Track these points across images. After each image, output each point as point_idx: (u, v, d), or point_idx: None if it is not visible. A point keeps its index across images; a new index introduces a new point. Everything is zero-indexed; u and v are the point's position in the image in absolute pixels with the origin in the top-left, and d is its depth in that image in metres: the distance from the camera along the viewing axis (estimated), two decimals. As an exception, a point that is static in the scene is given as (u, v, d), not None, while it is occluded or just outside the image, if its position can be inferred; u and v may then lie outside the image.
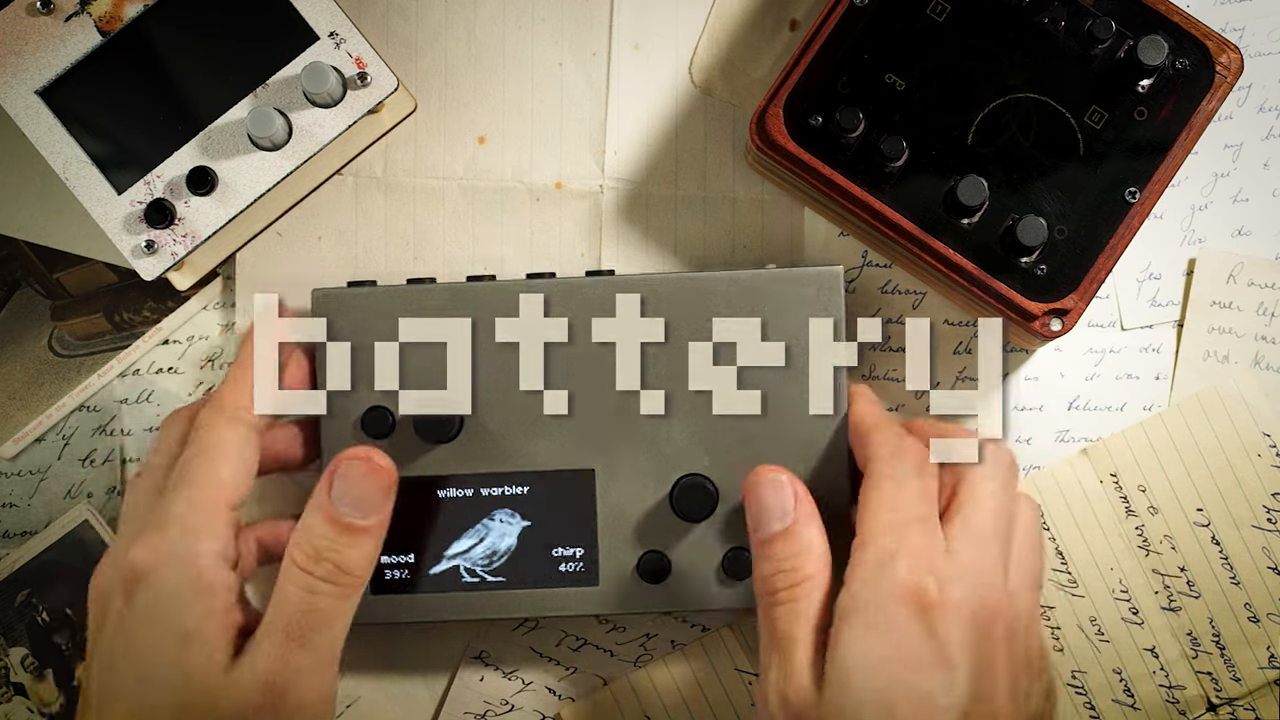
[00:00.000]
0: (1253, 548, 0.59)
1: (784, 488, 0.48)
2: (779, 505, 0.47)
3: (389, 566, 0.50)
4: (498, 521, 0.50)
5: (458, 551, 0.50)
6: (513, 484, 0.50)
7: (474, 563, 0.50)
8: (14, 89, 0.56)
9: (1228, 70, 0.56)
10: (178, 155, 0.56)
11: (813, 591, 0.46)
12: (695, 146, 0.62)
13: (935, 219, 0.56)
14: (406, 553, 0.50)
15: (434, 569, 0.50)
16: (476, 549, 0.50)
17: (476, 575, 0.50)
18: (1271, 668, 0.59)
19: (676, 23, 0.62)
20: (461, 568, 0.50)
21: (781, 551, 0.47)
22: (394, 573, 0.50)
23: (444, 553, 0.50)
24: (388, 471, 0.46)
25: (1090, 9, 0.56)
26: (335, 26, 0.57)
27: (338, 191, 0.62)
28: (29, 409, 0.61)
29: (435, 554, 0.50)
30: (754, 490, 0.48)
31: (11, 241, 0.61)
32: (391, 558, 0.50)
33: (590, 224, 0.61)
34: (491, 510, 0.50)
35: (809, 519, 0.47)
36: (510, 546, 0.50)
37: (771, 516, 0.47)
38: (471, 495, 0.50)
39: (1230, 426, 0.60)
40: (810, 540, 0.47)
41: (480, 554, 0.50)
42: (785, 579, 0.46)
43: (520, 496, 0.50)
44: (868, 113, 0.56)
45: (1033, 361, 0.61)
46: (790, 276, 0.51)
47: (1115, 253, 0.55)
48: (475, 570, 0.50)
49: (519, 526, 0.50)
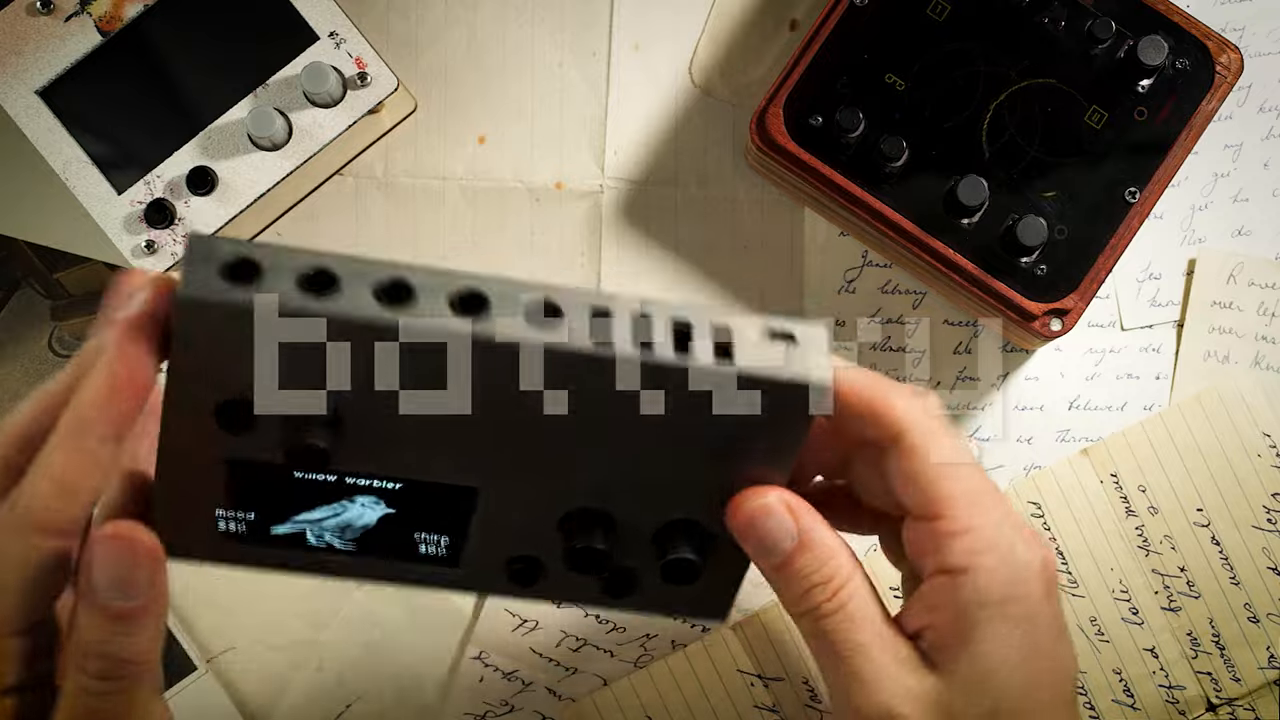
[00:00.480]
0: (1253, 548, 0.59)
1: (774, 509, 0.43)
2: (778, 526, 0.43)
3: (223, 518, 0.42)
4: (358, 505, 0.43)
5: (307, 518, 0.42)
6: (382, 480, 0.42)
7: (323, 530, 0.43)
8: (14, 89, 0.56)
9: (1228, 70, 0.56)
10: (178, 155, 0.56)
11: (857, 590, 0.43)
12: (695, 146, 0.62)
13: (935, 219, 0.56)
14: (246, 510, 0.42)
15: (277, 528, 0.42)
16: (328, 521, 0.43)
17: (324, 541, 0.43)
18: (1271, 668, 0.59)
19: (676, 23, 0.62)
20: (308, 532, 0.43)
21: (804, 566, 0.43)
22: (229, 525, 0.42)
23: (292, 516, 0.42)
24: (150, 549, 0.38)
25: (1090, 9, 0.56)
26: (335, 26, 0.57)
27: (338, 191, 0.62)
28: (29, 409, 0.61)
29: (280, 516, 0.42)
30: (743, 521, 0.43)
31: (11, 241, 0.61)
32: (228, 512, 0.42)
33: (590, 224, 0.61)
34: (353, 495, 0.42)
35: (815, 521, 0.43)
36: (367, 524, 0.43)
37: (775, 538, 0.43)
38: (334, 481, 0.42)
39: (1230, 426, 0.60)
40: (829, 542, 0.43)
41: (332, 525, 0.43)
42: (823, 591, 0.42)
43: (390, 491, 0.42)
44: (868, 113, 0.56)
45: (1033, 361, 0.61)
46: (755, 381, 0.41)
47: (1115, 253, 0.55)
48: (323, 536, 0.43)
49: (380, 512, 0.43)
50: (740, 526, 0.43)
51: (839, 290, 0.61)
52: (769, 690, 0.59)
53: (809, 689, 0.59)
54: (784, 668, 0.60)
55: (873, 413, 0.43)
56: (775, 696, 0.59)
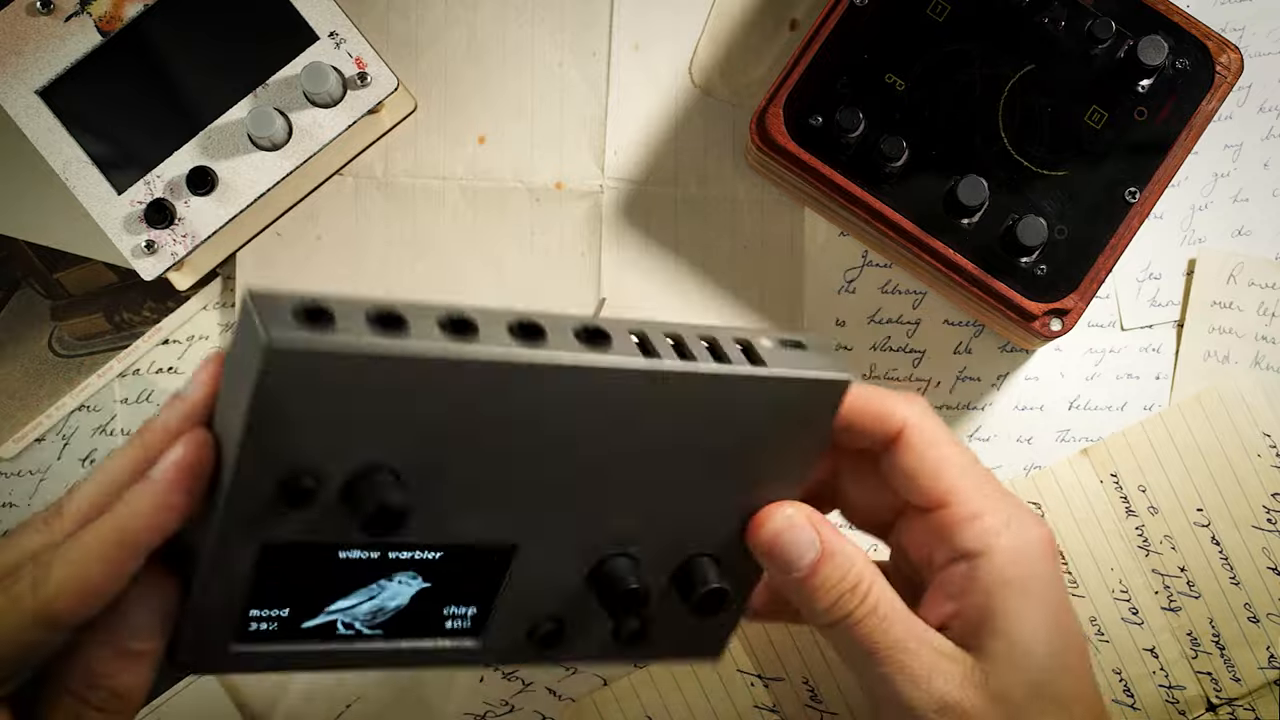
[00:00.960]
0: (1253, 548, 0.59)
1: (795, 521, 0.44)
2: (800, 539, 0.44)
3: (257, 619, 0.41)
4: (395, 582, 0.43)
5: (340, 607, 0.42)
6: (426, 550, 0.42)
7: (354, 618, 0.43)
8: (14, 89, 0.56)
9: (1228, 70, 0.56)
10: (178, 155, 0.56)
11: (883, 591, 0.43)
12: (695, 146, 0.62)
13: (935, 219, 0.56)
14: (281, 607, 0.41)
15: (308, 622, 0.42)
16: (361, 606, 0.43)
17: (353, 629, 0.43)
18: (1271, 668, 0.59)
19: (676, 23, 0.62)
20: (339, 622, 0.42)
21: (831, 575, 0.43)
22: (262, 625, 0.41)
23: (324, 607, 0.42)
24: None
25: (1090, 9, 0.56)
26: (335, 26, 0.57)
27: (338, 191, 0.62)
28: (29, 409, 0.61)
29: (315, 608, 0.42)
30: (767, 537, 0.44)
31: (11, 241, 0.61)
32: (263, 611, 0.41)
33: (590, 224, 0.61)
34: (393, 572, 0.42)
35: (833, 532, 0.44)
36: (400, 605, 0.43)
37: (800, 550, 0.44)
38: (377, 558, 0.42)
39: (1230, 426, 0.60)
40: (849, 550, 0.44)
41: (364, 611, 0.43)
42: (853, 597, 0.43)
43: (429, 561, 0.42)
44: (868, 113, 0.56)
45: (1033, 361, 0.61)
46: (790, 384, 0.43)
47: (1115, 253, 0.55)
48: (354, 625, 0.43)
49: (416, 588, 0.43)
50: (764, 542, 0.44)
51: (839, 290, 0.61)
52: (769, 690, 0.59)
53: (809, 689, 0.59)
54: (784, 668, 0.60)
55: (873, 415, 0.45)
56: (775, 696, 0.59)
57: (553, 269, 0.61)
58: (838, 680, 0.59)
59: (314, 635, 0.42)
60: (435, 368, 0.38)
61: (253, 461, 0.37)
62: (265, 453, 0.37)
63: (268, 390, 0.36)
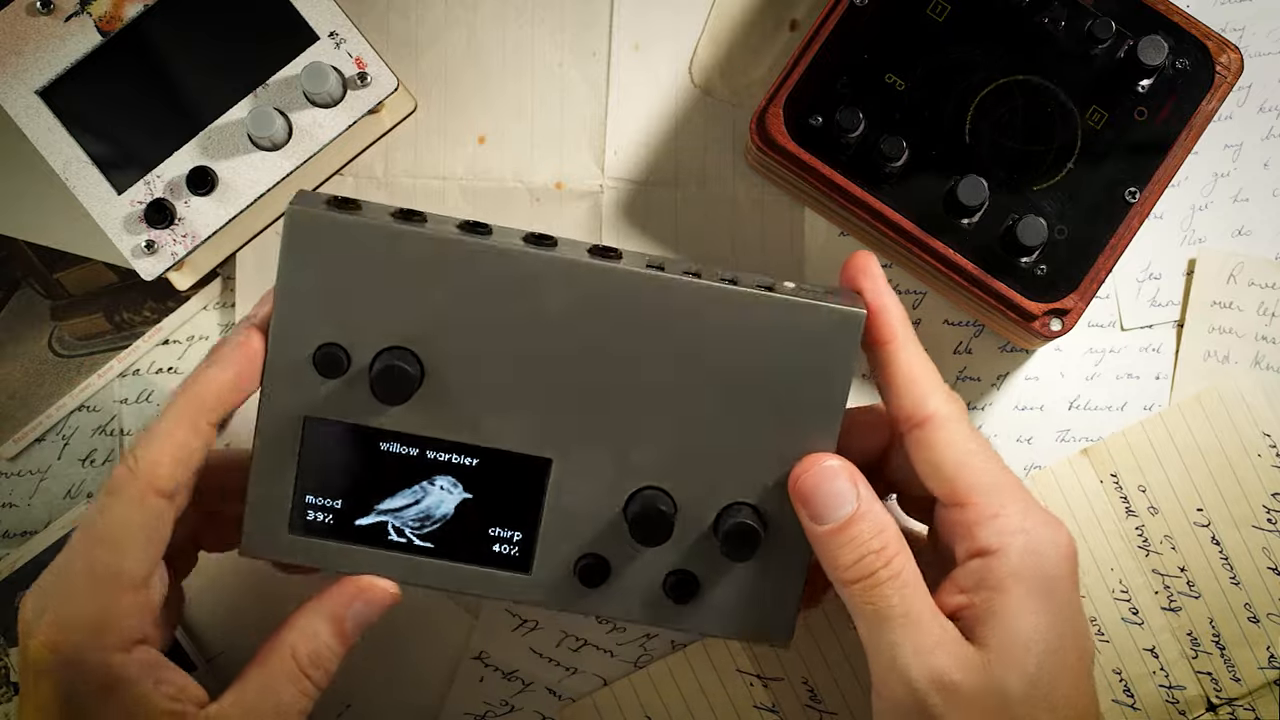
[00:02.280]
0: (1253, 548, 0.59)
1: (839, 473, 0.45)
2: (840, 490, 0.45)
3: (313, 507, 0.46)
4: (437, 487, 0.46)
5: (389, 508, 0.47)
6: (462, 454, 0.46)
7: (404, 522, 0.47)
8: (14, 89, 0.56)
9: (1228, 70, 0.56)
10: (178, 155, 0.56)
11: (907, 563, 0.45)
12: (695, 146, 0.62)
13: (935, 219, 0.56)
14: (334, 497, 0.46)
15: (361, 519, 0.47)
16: (410, 509, 0.47)
17: (404, 536, 0.47)
18: (1271, 668, 0.59)
19: (676, 23, 0.62)
20: (390, 525, 0.47)
21: (862, 533, 0.45)
22: (317, 514, 0.46)
23: (374, 505, 0.47)
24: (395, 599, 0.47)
25: (1090, 9, 0.56)
26: (335, 26, 0.57)
27: (338, 191, 0.62)
28: (29, 409, 0.61)
29: (364, 504, 0.47)
30: (809, 483, 0.46)
31: (11, 241, 0.61)
32: (318, 499, 0.46)
33: (590, 224, 0.61)
34: (433, 474, 0.46)
35: (872, 494, 0.46)
36: (446, 514, 0.47)
37: (838, 502, 0.45)
38: (415, 455, 0.46)
39: (1230, 426, 0.60)
40: (883, 515, 0.45)
41: (413, 515, 0.47)
42: (879, 558, 0.44)
43: (467, 468, 0.46)
44: (868, 113, 0.56)
45: (1033, 361, 0.61)
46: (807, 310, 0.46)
47: (1115, 253, 0.55)
48: (404, 530, 0.47)
49: (459, 497, 0.47)
50: (804, 489, 0.46)
51: (839, 290, 0.61)
52: (769, 690, 0.59)
53: (809, 689, 0.59)
54: (784, 668, 0.60)
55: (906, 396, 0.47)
56: (775, 696, 0.59)
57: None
58: (837, 680, 0.59)
59: (367, 537, 0.47)
60: (445, 253, 0.44)
61: (285, 327, 0.44)
62: (295, 321, 0.44)
63: (292, 257, 0.44)
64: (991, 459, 0.46)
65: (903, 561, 0.45)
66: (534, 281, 0.44)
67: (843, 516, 0.45)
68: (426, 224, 0.44)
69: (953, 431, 0.46)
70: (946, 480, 0.46)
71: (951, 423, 0.46)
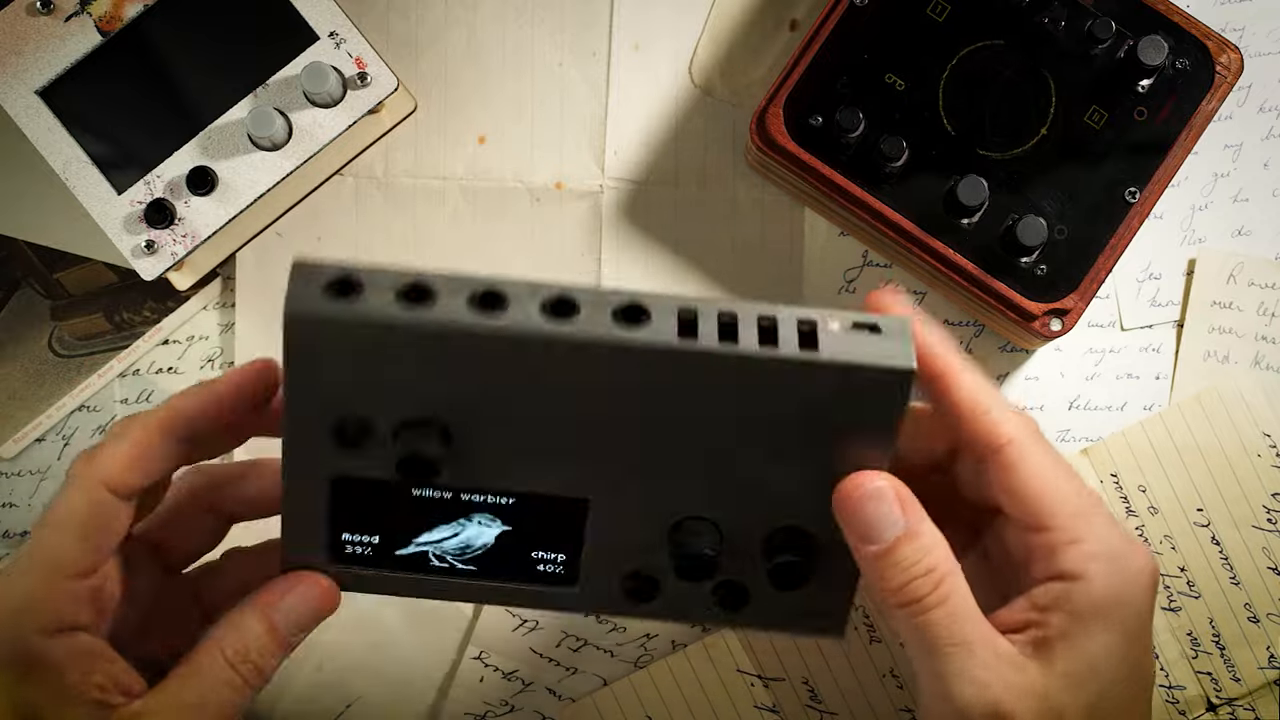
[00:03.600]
0: (1253, 548, 0.59)
1: (886, 494, 0.43)
2: (888, 513, 0.43)
3: (350, 543, 0.45)
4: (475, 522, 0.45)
5: (428, 540, 0.45)
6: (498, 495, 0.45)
7: (445, 551, 0.46)
8: (14, 89, 0.56)
9: (1228, 70, 0.56)
10: (178, 155, 0.56)
11: (959, 585, 0.43)
12: (695, 146, 0.62)
13: (935, 219, 0.56)
14: (370, 534, 0.45)
15: (401, 550, 0.46)
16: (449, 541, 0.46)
17: (446, 562, 0.46)
18: (1271, 668, 0.59)
19: (676, 23, 0.62)
20: (431, 554, 0.46)
21: (910, 555, 0.43)
22: (355, 548, 0.45)
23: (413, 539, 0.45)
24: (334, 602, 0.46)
25: (1090, 9, 0.56)
26: (335, 26, 0.57)
27: (338, 191, 0.62)
28: (29, 409, 0.61)
29: (403, 539, 0.45)
30: (853, 506, 0.44)
31: (11, 241, 0.61)
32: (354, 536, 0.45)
33: (590, 224, 0.61)
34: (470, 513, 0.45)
35: (920, 513, 0.44)
36: (486, 544, 0.45)
37: (884, 525, 0.43)
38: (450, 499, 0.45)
39: (1230, 426, 0.60)
40: (934, 535, 0.43)
41: (453, 546, 0.46)
42: (928, 582, 0.43)
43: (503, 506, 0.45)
44: (868, 113, 0.56)
45: (1033, 361, 0.61)
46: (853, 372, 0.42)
47: (1115, 253, 0.55)
48: (445, 558, 0.46)
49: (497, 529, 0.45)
50: (847, 510, 0.44)
51: (839, 290, 0.61)
52: (769, 690, 0.59)
53: (809, 689, 0.59)
54: (784, 668, 0.60)
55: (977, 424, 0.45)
56: (775, 696, 0.59)
57: (553, 269, 0.61)
58: (837, 680, 0.59)
59: (409, 565, 0.46)
60: (459, 341, 0.41)
61: (300, 405, 0.42)
62: (308, 400, 0.42)
63: (295, 350, 0.41)
64: (1072, 479, 0.45)
65: (952, 584, 0.43)
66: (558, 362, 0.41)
67: (890, 538, 0.43)
68: (437, 302, 0.41)
69: (1030, 455, 0.44)
70: (1029, 506, 0.44)
71: (1028, 445, 0.45)
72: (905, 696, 0.60)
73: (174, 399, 0.45)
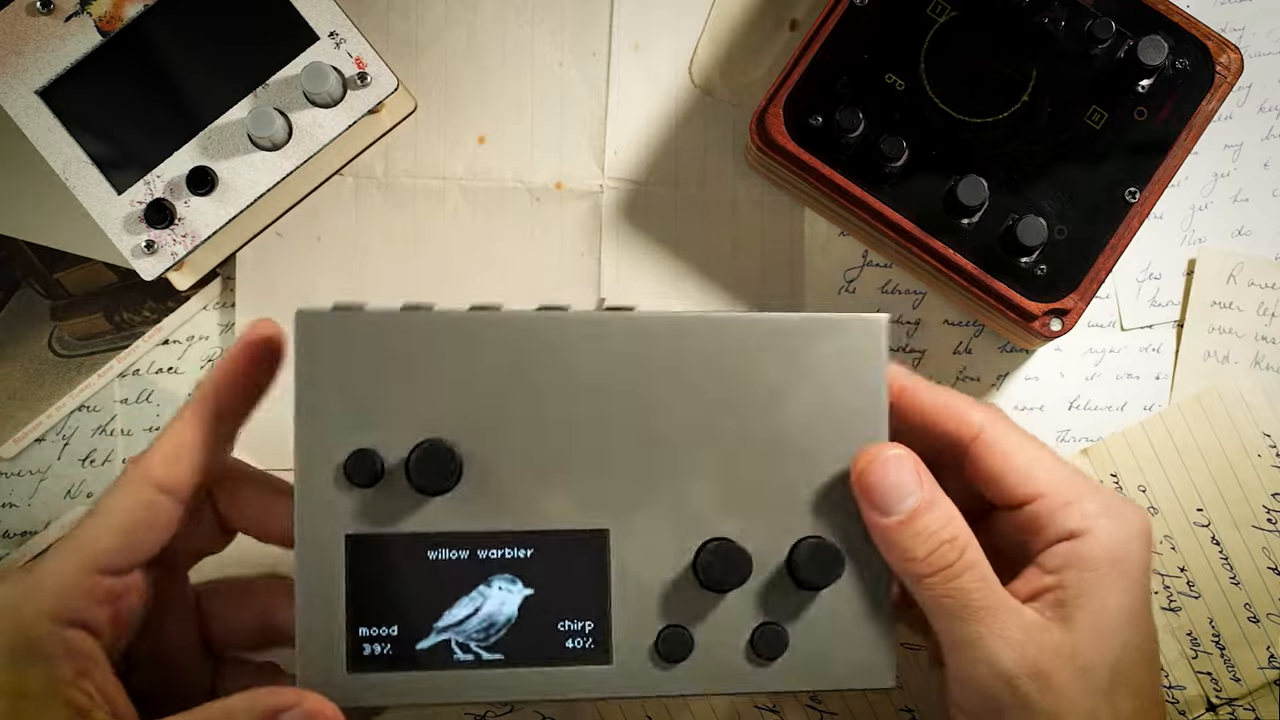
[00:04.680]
0: (1253, 548, 0.59)
1: (904, 461, 0.44)
2: (907, 480, 0.43)
3: (368, 640, 0.43)
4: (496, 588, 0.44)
5: (449, 623, 0.44)
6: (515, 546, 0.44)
7: (468, 636, 0.44)
8: (14, 89, 0.56)
9: (1228, 70, 0.56)
10: (178, 155, 0.56)
11: (980, 553, 0.44)
12: (695, 146, 0.62)
13: (935, 219, 0.56)
14: (389, 624, 0.44)
15: (422, 643, 0.44)
16: (471, 620, 0.44)
17: (470, 652, 0.44)
18: (1271, 668, 0.59)
19: (676, 23, 0.62)
20: (453, 642, 0.44)
21: (931, 524, 0.43)
22: (374, 647, 0.43)
23: (434, 624, 0.44)
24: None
25: (1090, 9, 0.56)
26: (335, 26, 0.57)
27: (338, 191, 0.62)
28: (29, 409, 0.61)
29: (423, 625, 0.44)
30: (873, 472, 0.44)
31: (11, 241, 0.61)
32: (371, 629, 0.43)
33: (590, 224, 0.61)
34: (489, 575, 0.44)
35: (935, 485, 0.44)
36: (510, 618, 0.44)
37: (903, 492, 0.43)
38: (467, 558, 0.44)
39: (1230, 426, 0.60)
40: (950, 503, 0.44)
41: (475, 626, 0.44)
42: (952, 550, 0.43)
43: (523, 560, 0.44)
44: (868, 113, 0.56)
45: (1033, 361, 0.61)
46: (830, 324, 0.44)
47: (1115, 253, 0.55)
48: (469, 646, 0.44)
49: (520, 595, 0.44)
50: (867, 480, 0.44)
51: (839, 290, 0.61)
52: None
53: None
54: (784, 668, 0.59)
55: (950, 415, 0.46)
56: (775, 696, 0.59)
57: (553, 269, 0.61)
58: (838, 680, 0.59)
59: (432, 661, 0.44)
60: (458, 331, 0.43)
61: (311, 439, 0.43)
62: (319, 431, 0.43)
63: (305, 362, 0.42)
64: (1050, 452, 0.46)
65: (976, 550, 0.43)
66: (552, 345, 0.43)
67: (909, 508, 0.43)
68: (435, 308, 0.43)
69: (1005, 435, 0.46)
70: (1017, 480, 0.45)
71: (1001, 427, 0.46)
72: (905, 696, 0.60)
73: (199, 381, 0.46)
